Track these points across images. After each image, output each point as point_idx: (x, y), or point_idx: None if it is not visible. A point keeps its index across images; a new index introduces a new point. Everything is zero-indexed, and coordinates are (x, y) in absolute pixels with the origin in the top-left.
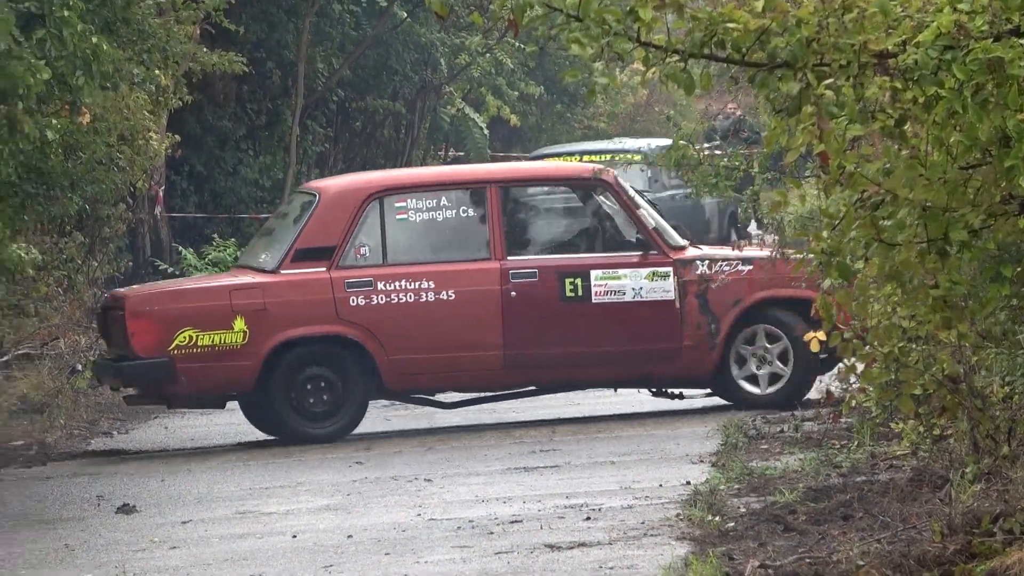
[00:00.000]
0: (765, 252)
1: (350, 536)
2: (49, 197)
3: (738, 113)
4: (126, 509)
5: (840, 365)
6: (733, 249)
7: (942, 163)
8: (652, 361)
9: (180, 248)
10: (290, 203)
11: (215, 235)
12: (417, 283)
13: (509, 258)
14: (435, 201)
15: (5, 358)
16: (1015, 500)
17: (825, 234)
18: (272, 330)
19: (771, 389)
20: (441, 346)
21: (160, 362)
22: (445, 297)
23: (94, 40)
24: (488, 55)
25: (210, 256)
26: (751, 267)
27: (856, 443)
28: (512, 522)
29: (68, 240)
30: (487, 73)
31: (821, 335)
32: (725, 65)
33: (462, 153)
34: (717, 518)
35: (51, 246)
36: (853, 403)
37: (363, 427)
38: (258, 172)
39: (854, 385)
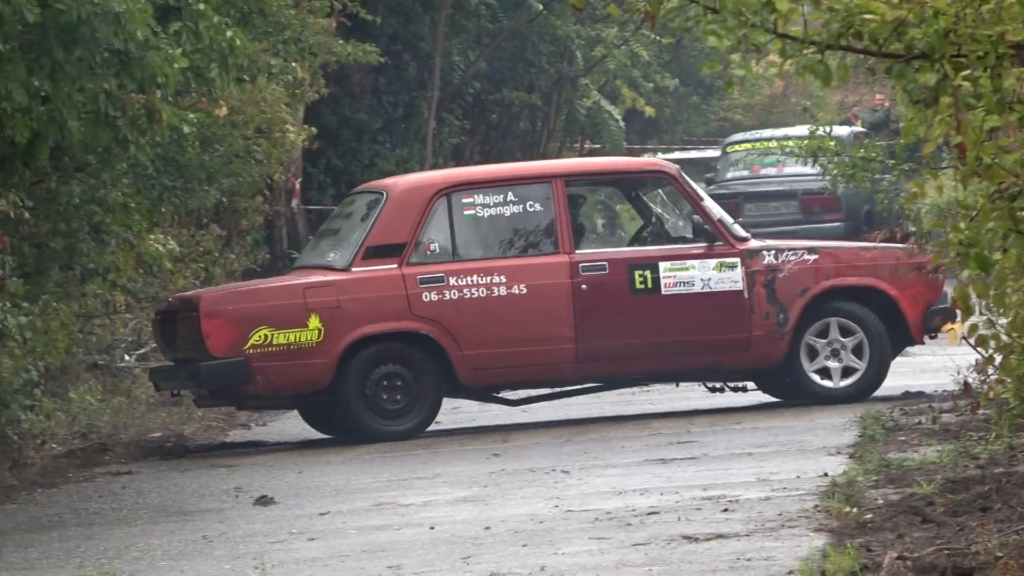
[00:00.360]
0: (894, 245)
1: (488, 528)
2: (186, 190)
3: (886, 105)
4: (264, 501)
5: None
6: (872, 240)
7: None
8: (722, 352)
9: None
10: (351, 203)
11: None
12: (488, 278)
13: (578, 251)
14: (502, 196)
15: (143, 350)
16: None
17: (963, 225)
18: (347, 327)
19: (845, 382)
20: (514, 340)
21: (236, 362)
22: (517, 291)
23: (228, 34)
24: (624, 47)
25: None
26: (817, 256)
27: (994, 434)
28: (649, 514)
29: (205, 232)
30: (623, 65)
31: (959, 326)
32: (862, 56)
33: (598, 145)
34: (855, 510)
35: (188, 239)
36: (991, 394)
37: (499, 419)
38: (395, 164)
39: (992, 376)
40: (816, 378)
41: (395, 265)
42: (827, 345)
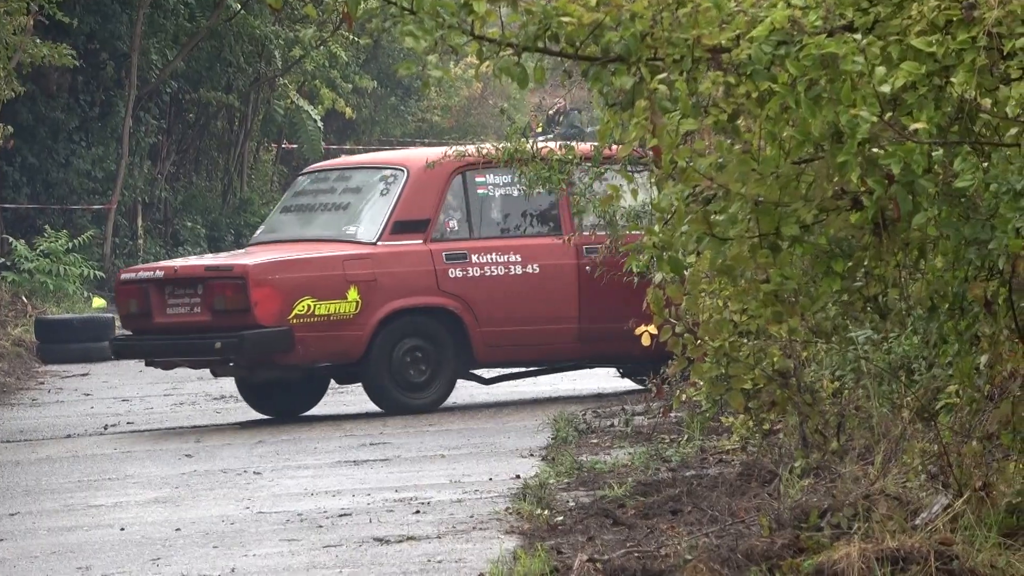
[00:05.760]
0: None
1: (178, 529)
2: None
3: (558, 103)
4: None
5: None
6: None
7: (775, 158)
8: None
9: (11, 239)
10: (344, 178)
11: (46, 226)
12: (506, 256)
13: (580, 233)
14: (510, 177)
15: None
16: (843, 495)
17: (657, 228)
18: (381, 300)
19: None
20: (526, 319)
21: (281, 331)
22: (531, 270)
23: None
24: (322, 48)
25: (41, 247)
26: None
27: (686, 437)
28: (341, 515)
29: None
30: (321, 66)
31: (652, 329)
32: (559, 59)
33: (296, 145)
34: (546, 512)
35: None
36: (683, 397)
37: (193, 419)
38: (91, 163)
39: (684, 379)
40: None
41: (420, 241)
42: None
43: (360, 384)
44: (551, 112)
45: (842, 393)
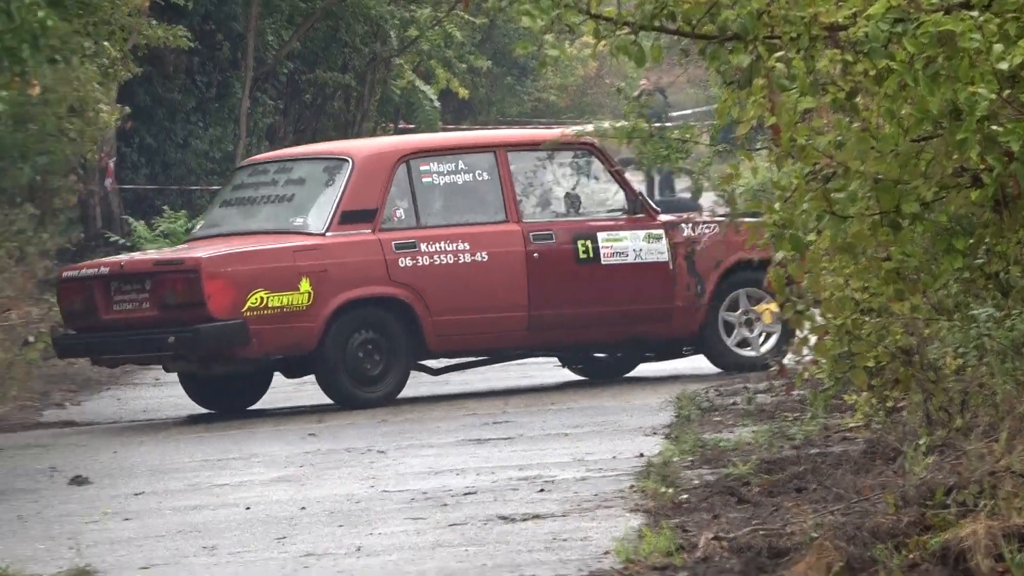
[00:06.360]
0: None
1: (303, 508)
2: None
3: (642, 84)
4: (79, 480)
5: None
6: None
7: (894, 136)
8: (650, 321)
9: (131, 220)
10: (286, 170)
11: (165, 207)
12: (455, 245)
13: (525, 220)
14: (454, 165)
15: None
16: (968, 472)
17: (777, 206)
18: (333, 291)
19: (764, 348)
20: (476, 307)
21: (236, 324)
22: (480, 259)
23: (40, 14)
24: (438, 28)
25: (160, 228)
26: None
27: (809, 415)
28: (466, 494)
29: (19, 211)
30: (437, 46)
31: (774, 306)
32: (676, 37)
33: (413, 125)
34: (670, 490)
35: (1, 217)
36: (806, 375)
37: (315, 399)
38: (208, 144)
39: (807, 357)
40: (736, 349)
41: (369, 230)
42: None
43: (303, 377)
44: (635, 94)
45: (965, 370)
